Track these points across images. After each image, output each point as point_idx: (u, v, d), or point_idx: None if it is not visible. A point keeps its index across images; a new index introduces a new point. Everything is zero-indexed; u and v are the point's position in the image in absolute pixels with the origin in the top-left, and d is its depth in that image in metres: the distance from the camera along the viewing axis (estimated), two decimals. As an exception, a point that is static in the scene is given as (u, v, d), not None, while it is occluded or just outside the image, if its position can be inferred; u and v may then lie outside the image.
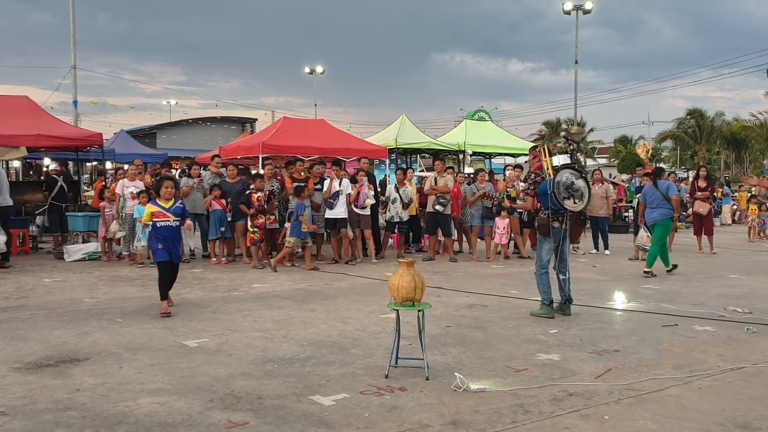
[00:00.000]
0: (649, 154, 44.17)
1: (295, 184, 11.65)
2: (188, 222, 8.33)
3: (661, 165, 53.14)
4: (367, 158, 13.67)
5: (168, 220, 7.50)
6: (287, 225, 11.73)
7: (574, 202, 7.30)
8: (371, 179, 13.21)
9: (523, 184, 12.15)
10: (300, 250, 11.69)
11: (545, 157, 7.45)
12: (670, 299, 8.51)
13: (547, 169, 7.40)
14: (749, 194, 22.36)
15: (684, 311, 7.69)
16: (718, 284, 9.86)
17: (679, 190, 15.49)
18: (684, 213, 18.63)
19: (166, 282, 7.52)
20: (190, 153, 28.99)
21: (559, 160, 7.41)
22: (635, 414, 4.31)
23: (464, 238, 13.65)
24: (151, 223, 7.57)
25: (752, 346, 6.11)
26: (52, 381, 4.98)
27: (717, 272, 11.21)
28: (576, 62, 32.14)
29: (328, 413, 4.31)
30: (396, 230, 13.00)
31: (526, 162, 10.15)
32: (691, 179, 18.80)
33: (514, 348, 6.03)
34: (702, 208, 14.34)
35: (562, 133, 7.99)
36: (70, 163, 16.75)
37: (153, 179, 12.42)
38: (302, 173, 12.40)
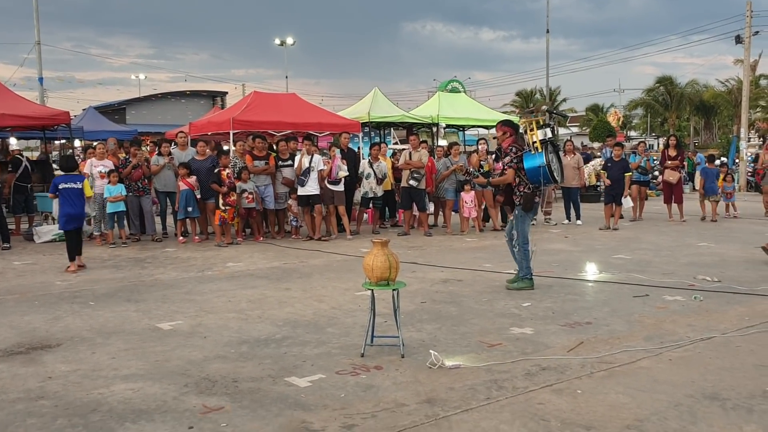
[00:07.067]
0: (620, 122, 44.52)
1: None
2: None
3: (632, 132, 53.77)
4: (348, 133, 13.59)
5: None
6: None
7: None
8: (351, 154, 13.10)
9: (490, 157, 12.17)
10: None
11: (533, 131, 7.46)
12: (641, 269, 8.63)
13: (534, 143, 7.43)
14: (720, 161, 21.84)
15: (655, 281, 7.81)
16: (688, 253, 10.01)
17: (648, 160, 15.70)
18: (654, 180, 18.78)
19: None
20: (161, 128, 28.52)
21: (545, 134, 7.47)
22: (607, 387, 4.38)
23: (440, 212, 13.69)
24: None
25: (721, 315, 6.23)
26: (24, 369, 4.91)
27: (687, 240, 11.38)
28: (547, 31, 32.07)
29: (304, 395, 4.31)
30: (371, 205, 12.97)
31: (494, 138, 10.09)
32: (661, 148, 18.78)
33: (488, 322, 6.08)
34: (672, 176, 14.51)
35: (544, 107, 8.04)
36: (38, 142, 16.40)
37: (123, 158, 12.21)
38: (263, 151, 12.19)
